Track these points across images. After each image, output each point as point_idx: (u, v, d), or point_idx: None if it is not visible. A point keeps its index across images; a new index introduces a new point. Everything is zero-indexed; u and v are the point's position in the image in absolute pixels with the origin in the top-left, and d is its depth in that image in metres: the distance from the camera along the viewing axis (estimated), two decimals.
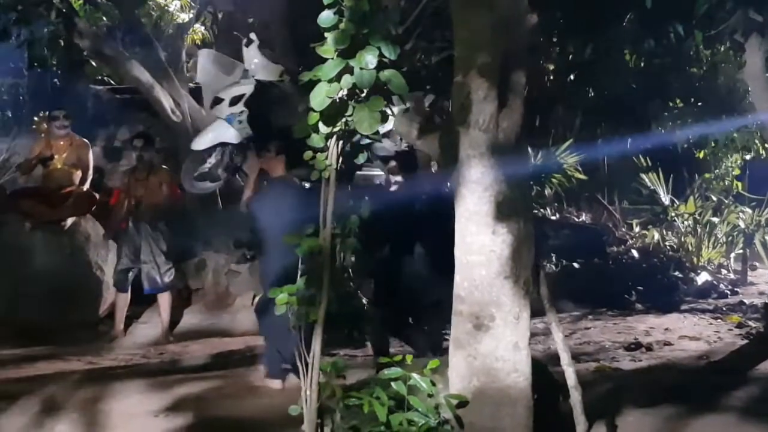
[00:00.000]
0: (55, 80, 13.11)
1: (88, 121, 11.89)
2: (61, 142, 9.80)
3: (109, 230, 9.61)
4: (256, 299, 7.86)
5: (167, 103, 11.32)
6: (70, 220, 9.84)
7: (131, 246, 9.21)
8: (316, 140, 4.73)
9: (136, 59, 11.21)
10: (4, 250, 9.74)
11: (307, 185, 7.11)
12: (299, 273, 5.11)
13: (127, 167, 10.30)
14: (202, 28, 13.98)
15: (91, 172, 10.05)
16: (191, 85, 12.02)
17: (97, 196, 9.94)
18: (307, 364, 4.71)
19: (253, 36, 8.57)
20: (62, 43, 10.31)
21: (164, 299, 9.26)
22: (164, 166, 9.53)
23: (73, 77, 12.74)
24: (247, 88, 8.46)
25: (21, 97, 13.82)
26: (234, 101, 8.45)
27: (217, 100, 8.46)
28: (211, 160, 9.19)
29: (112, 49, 11.02)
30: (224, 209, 10.75)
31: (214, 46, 12.90)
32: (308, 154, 4.88)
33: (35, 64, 9.41)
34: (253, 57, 8.51)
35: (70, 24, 9.77)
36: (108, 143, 12.68)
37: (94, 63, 12.73)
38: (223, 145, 8.93)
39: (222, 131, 8.61)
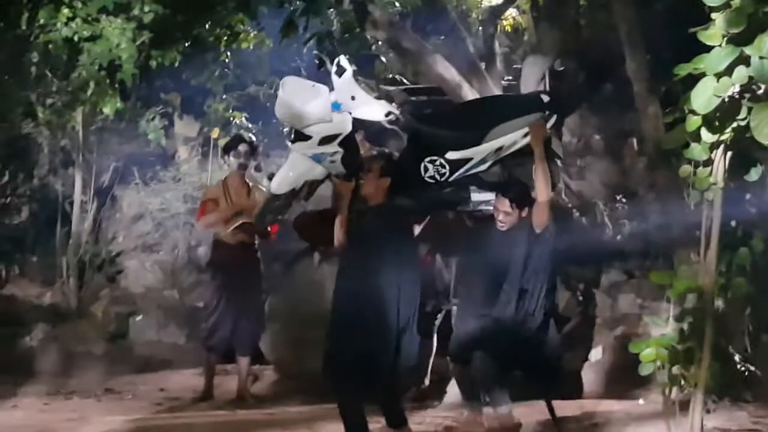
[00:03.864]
0: None
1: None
2: None
3: None
4: None
5: None
6: None
7: (438, 283, 9.43)
8: (696, 151, 4.75)
9: (441, 52, 11.25)
10: (290, 288, 10.38)
11: None
12: (668, 317, 5.19)
13: None
14: (515, 12, 14.11)
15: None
16: (504, 82, 12.25)
17: None
18: None
19: (344, 62, 7.90)
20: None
21: None
22: None
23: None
24: (342, 128, 8.08)
25: None
26: (325, 140, 8.14)
27: (302, 136, 8.17)
28: None
29: (411, 40, 11.08)
30: None
31: (529, 35, 13.11)
32: (685, 169, 4.91)
33: (324, 61, 9.76)
34: (348, 90, 8.14)
35: (363, 12, 10.15)
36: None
37: (383, 59, 13.31)
38: None
39: (307, 169, 8.28)
